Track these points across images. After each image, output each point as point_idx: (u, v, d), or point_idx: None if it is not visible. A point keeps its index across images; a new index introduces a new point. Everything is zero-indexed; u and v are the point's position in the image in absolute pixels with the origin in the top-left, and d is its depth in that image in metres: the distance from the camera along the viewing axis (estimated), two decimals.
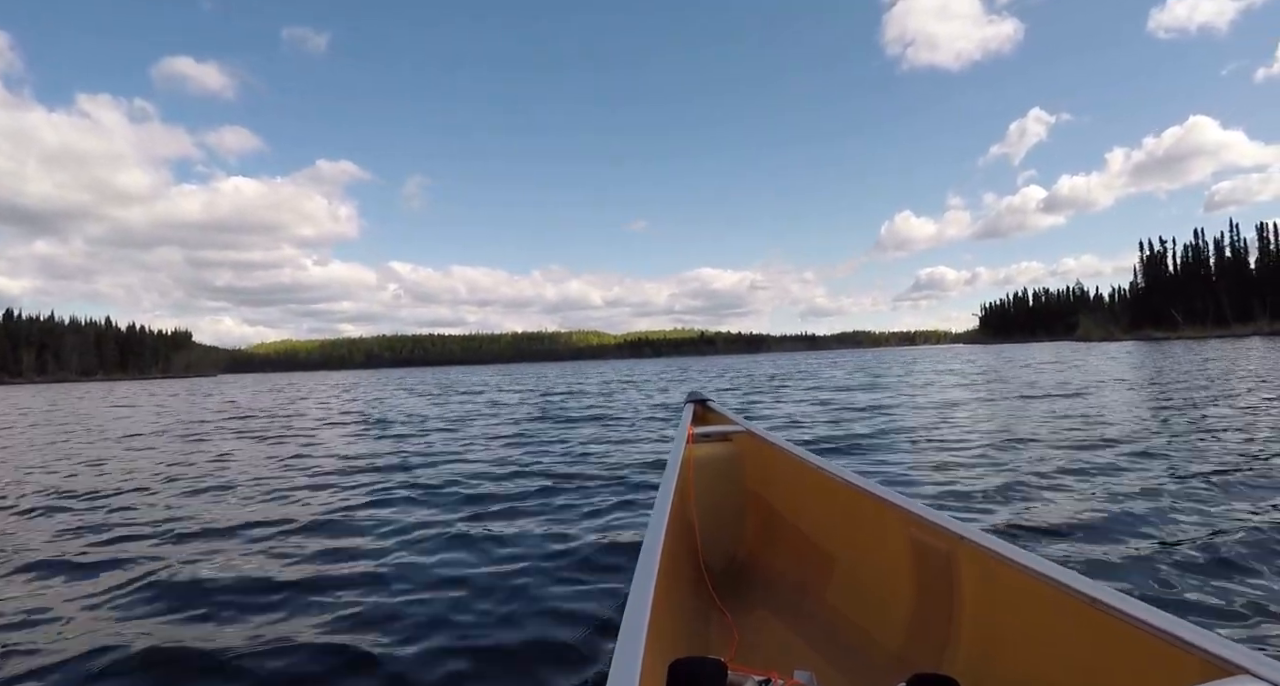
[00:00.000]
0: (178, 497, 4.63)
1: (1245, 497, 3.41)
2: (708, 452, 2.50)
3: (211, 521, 3.82)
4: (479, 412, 11.74)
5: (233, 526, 3.66)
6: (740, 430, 2.64)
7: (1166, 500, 3.38)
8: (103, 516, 4.08)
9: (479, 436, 7.89)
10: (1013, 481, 3.95)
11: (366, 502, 4.21)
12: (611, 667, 0.94)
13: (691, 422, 2.77)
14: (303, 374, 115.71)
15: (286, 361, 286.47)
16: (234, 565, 2.96)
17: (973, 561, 1.41)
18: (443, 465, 5.68)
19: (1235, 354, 22.75)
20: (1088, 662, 1.12)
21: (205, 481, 5.23)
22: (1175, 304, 72.59)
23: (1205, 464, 4.22)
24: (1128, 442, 5.17)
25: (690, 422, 2.75)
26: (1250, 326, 62.40)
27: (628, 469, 5.08)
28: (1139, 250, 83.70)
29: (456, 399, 16.56)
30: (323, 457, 6.51)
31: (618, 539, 3.16)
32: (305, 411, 13.98)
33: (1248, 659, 0.87)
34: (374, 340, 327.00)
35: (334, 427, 10.04)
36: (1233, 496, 3.44)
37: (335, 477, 5.25)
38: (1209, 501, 3.35)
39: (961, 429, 6.60)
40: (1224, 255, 74.12)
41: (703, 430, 2.63)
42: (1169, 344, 44.84)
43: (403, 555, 3.04)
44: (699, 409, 3.11)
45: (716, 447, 2.56)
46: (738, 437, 2.63)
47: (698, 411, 3.08)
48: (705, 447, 2.52)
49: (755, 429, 2.60)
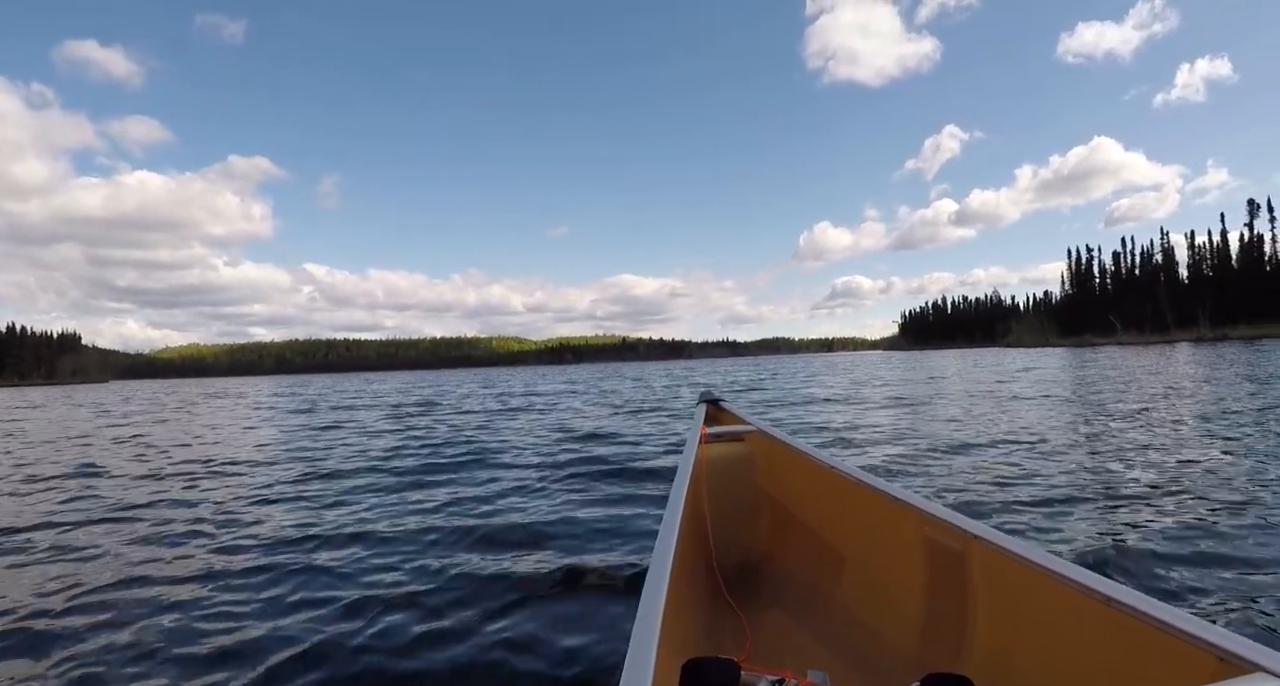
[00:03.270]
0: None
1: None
2: (720, 452, 2.53)
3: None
4: (296, 452, 7.33)
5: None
6: (752, 430, 2.68)
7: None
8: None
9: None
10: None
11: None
12: (624, 667, 0.94)
13: (704, 422, 2.79)
14: (205, 380, 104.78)
15: (192, 367, 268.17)
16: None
17: (986, 560, 1.42)
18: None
19: (1141, 360, 23.86)
20: (1102, 661, 1.12)
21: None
22: (1114, 310, 73.29)
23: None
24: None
25: (703, 422, 2.77)
26: (1193, 332, 60.78)
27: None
28: (1066, 257, 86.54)
29: (322, 417, 12.70)
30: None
31: (629, 538, 3.18)
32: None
33: (1264, 656, 0.88)
34: (285, 344, 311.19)
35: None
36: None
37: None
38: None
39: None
40: (1154, 263, 75.28)
41: (715, 430, 2.66)
42: (1096, 350, 44.69)
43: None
44: (711, 409, 3.15)
45: (729, 447, 2.59)
46: (750, 437, 2.66)
47: (710, 411, 3.11)
48: (718, 447, 2.55)
49: (767, 428, 2.62)
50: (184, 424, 12.53)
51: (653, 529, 3.24)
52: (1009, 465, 4.67)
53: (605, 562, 2.86)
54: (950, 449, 5.52)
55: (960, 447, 5.57)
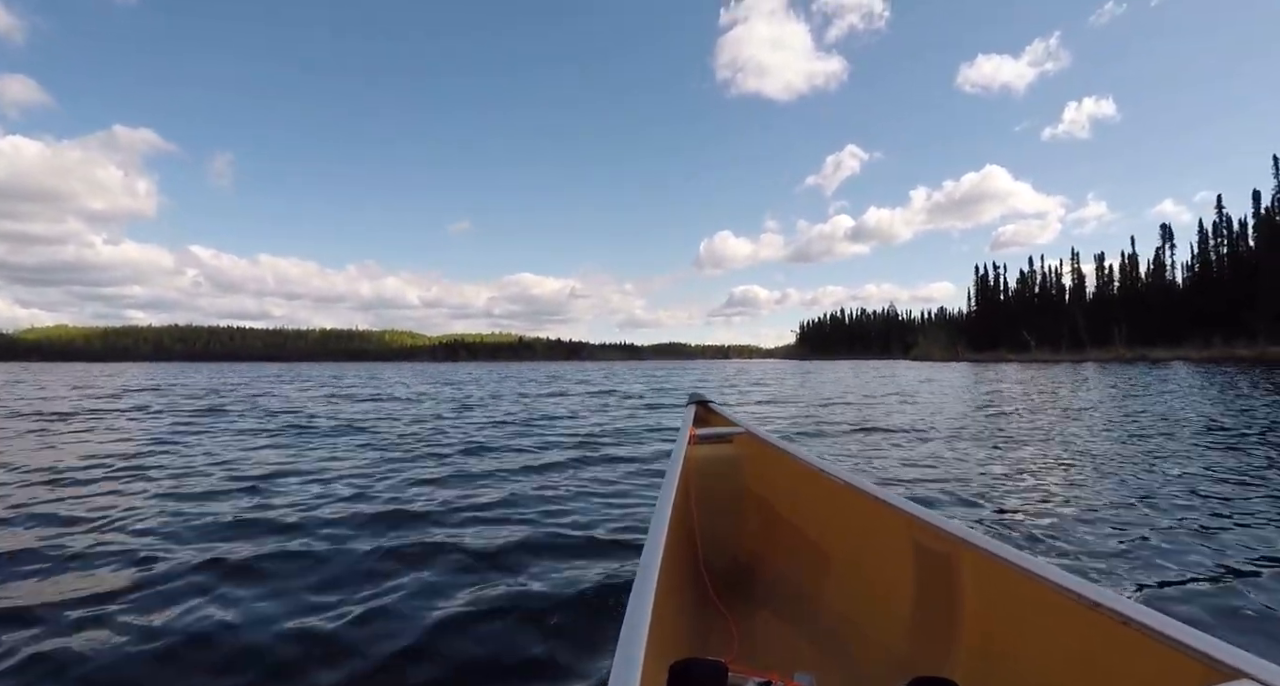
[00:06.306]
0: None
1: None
2: (709, 454, 2.53)
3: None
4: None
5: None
6: (741, 431, 2.67)
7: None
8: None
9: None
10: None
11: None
12: (612, 669, 0.93)
13: (693, 424, 2.77)
14: (71, 365, 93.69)
15: (59, 350, 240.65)
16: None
17: (973, 564, 1.43)
18: None
19: (1033, 374, 24.85)
20: (1088, 666, 1.12)
21: None
22: (1028, 327, 73.13)
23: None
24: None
25: (691, 424, 2.76)
26: (1111, 351, 61.03)
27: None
28: (974, 273, 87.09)
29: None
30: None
31: (618, 538, 3.16)
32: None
33: (1249, 663, 0.88)
34: (164, 330, 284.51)
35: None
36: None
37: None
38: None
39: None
40: (1060, 285, 75.85)
41: (704, 431, 2.65)
42: (987, 366, 44.31)
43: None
44: (700, 410, 3.12)
45: (717, 449, 2.59)
46: (739, 439, 2.65)
47: (699, 412, 3.08)
48: (706, 449, 2.55)
49: (756, 430, 2.63)
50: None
51: (640, 529, 3.24)
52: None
53: (593, 562, 2.85)
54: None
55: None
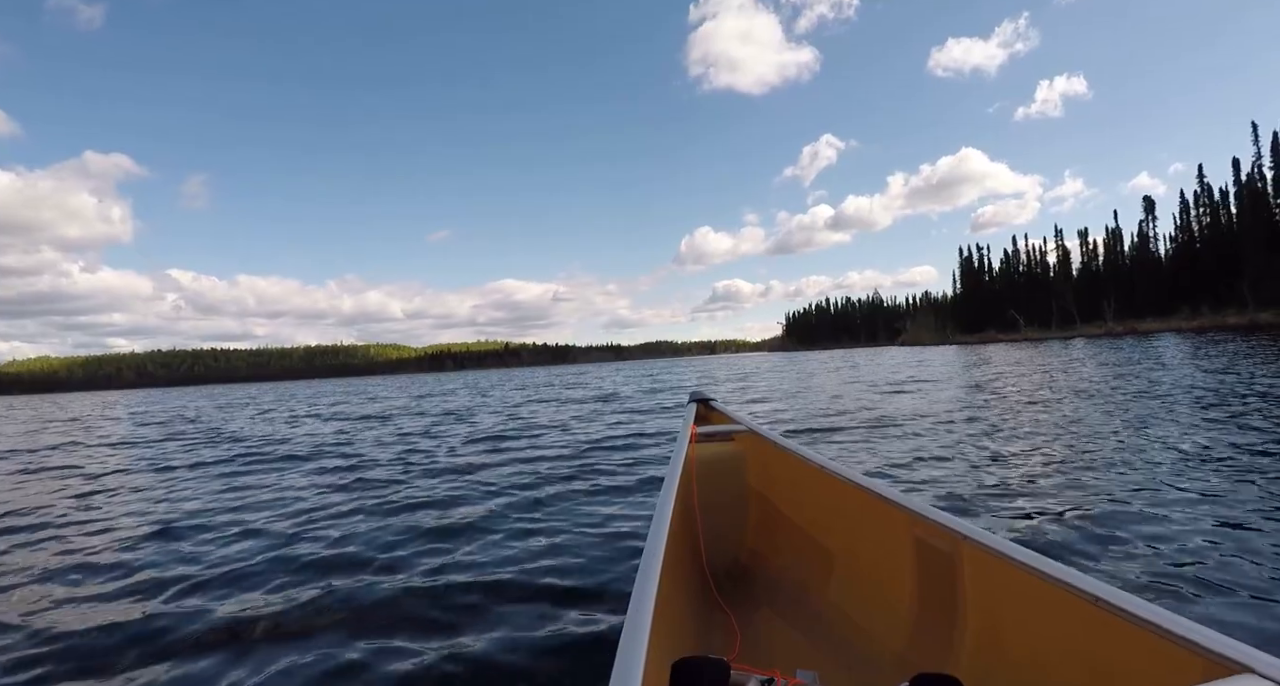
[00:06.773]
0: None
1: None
2: (711, 452, 2.52)
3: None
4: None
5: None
6: (743, 429, 2.67)
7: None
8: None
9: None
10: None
11: None
12: (614, 667, 0.93)
13: (695, 422, 2.78)
14: (54, 396, 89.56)
15: (43, 381, 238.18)
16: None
17: (975, 560, 1.42)
18: None
19: (1018, 354, 25.50)
20: (1091, 662, 1.11)
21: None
22: (1017, 306, 72.18)
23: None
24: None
25: (693, 422, 2.76)
26: (1101, 326, 60.93)
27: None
28: (958, 255, 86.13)
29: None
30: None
31: (620, 538, 3.17)
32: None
33: (1251, 657, 0.88)
34: (147, 356, 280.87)
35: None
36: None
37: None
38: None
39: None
40: (1044, 261, 74.71)
41: (706, 429, 2.65)
42: (972, 349, 43.20)
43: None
44: (702, 408, 3.12)
45: (720, 447, 2.58)
46: (740, 437, 2.65)
47: (701, 411, 3.08)
48: (708, 447, 2.55)
49: (758, 428, 2.63)
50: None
51: (642, 528, 3.25)
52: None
53: (591, 561, 2.90)
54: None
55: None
